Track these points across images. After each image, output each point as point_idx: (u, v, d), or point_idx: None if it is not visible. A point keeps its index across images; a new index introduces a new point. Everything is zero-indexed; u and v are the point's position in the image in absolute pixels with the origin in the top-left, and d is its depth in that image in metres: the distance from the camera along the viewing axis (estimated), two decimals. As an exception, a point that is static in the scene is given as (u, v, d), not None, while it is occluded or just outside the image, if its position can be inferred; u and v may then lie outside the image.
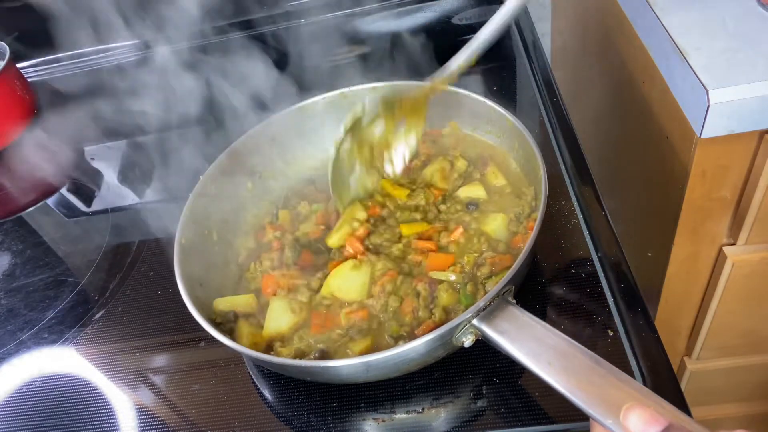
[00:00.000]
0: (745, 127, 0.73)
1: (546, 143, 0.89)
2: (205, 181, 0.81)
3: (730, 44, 0.74)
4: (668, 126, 0.87)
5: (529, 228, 0.72)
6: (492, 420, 0.61)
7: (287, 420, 0.66)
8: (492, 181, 0.81)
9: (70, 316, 0.84)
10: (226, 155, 0.84)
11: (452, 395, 0.64)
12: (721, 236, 0.91)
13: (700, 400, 1.22)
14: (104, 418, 0.71)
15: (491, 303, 0.58)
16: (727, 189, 0.84)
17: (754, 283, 0.93)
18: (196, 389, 0.71)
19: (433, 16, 1.27)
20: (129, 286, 0.86)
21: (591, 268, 0.72)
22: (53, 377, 0.77)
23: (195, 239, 0.77)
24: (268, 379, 0.70)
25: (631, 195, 1.16)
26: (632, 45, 0.93)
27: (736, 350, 1.09)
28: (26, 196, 1.11)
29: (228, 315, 0.72)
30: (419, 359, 0.60)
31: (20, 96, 1.22)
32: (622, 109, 1.10)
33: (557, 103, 0.95)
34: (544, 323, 0.57)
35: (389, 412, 0.64)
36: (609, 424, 0.48)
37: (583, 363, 0.53)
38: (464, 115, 0.86)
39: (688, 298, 1.02)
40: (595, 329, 0.66)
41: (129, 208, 1.02)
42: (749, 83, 0.69)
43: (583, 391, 0.51)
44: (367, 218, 0.77)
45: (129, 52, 1.38)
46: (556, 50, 1.57)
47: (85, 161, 1.15)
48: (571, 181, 0.82)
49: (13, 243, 1.00)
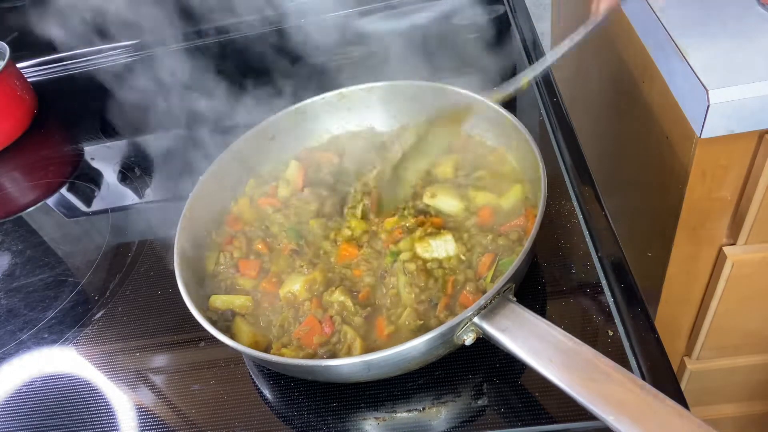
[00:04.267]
0: (745, 127, 0.73)
1: (546, 143, 0.89)
2: (204, 181, 0.81)
3: (730, 44, 0.74)
4: (668, 126, 0.87)
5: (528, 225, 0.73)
6: (493, 419, 0.61)
7: (287, 420, 0.66)
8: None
9: (70, 316, 0.84)
10: (226, 155, 0.84)
11: (453, 394, 0.64)
12: (721, 236, 0.91)
13: (700, 400, 1.22)
14: (104, 418, 0.70)
15: (492, 301, 0.58)
16: (727, 189, 0.84)
17: (754, 283, 0.93)
18: (196, 389, 0.71)
19: (433, 16, 1.27)
20: (129, 286, 0.86)
21: (591, 268, 0.72)
22: (53, 377, 0.77)
23: (194, 239, 0.77)
24: (269, 379, 0.70)
25: (631, 195, 1.16)
26: (632, 45, 0.93)
27: (736, 350, 1.09)
28: (26, 196, 1.11)
29: (225, 313, 0.72)
30: (420, 358, 0.60)
31: (20, 96, 1.22)
32: (621, 109, 1.10)
33: (557, 103, 0.95)
34: (544, 320, 0.57)
35: (390, 411, 0.64)
36: (610, 420, 0.49)
37: (584, 359, 0.53)
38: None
39: (688, 298, 1.02)
40: (595, 329, 0.66)
41: (129, 208, 1.02)
42: (749, 83, 0.69)
43: (584, 388, 0.51)
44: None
45: (129, 52, 1.38)
46: (556, 50, 1.57)
47: (85, 161, 1.15)
48: (571, 181, 0.82)
49: (13, 243, 1.00)
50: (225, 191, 0.86)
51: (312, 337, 0.67)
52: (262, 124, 0.88)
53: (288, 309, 0.71)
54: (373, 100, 0.92)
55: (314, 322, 0.68)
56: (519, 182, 0.78)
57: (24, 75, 1.28)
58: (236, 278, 0.76)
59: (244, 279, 0.76)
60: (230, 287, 0.76)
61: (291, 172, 0.88)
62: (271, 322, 0.71)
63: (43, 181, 1.12)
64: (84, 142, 1.20)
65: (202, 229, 0.80)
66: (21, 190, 1.13)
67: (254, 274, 0.76)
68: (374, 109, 0.93)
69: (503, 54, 1.13)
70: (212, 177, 0.82)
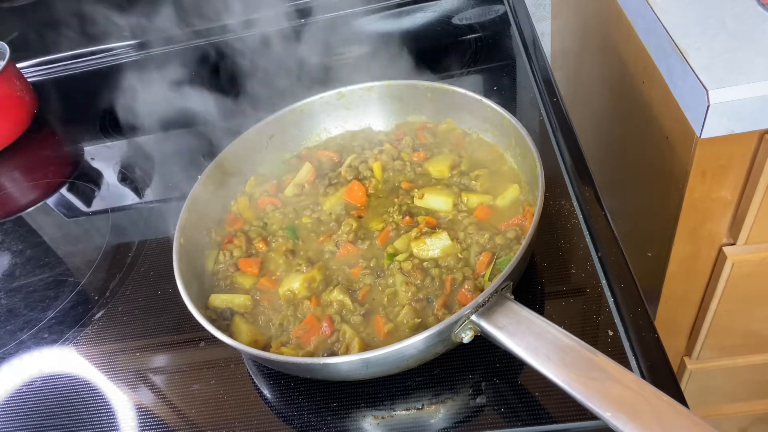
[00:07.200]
0: (745, 127, 0.73)
1: (546, 143, 0.89)
2: (203, 181, 0.81)
3: (730, 44, 0.74)
4: (668, 126, 0.87)
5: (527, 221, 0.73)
6: (491, 418, 0.61)
7: (287, 419, 0.66)
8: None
9: (70, 316, 0.84)
10: (225, 154, 0.84)
11: (451, 392, 0.64)
12: (721, 236, 0.91)
13: (700, 400, 1.22)
14: (104, 418, 0.70)
15: (490, 299, 0.58)
16: (727, 189, 0.84)
17: (754, 283, 0.93)
18: (196, 389, 0.71)
19: (433, 16, 1.27)
20: (129, 286, 0.86)
21: (591, 268, 0.72)
22: (53, 377, 0.77)
23: (194, 239, 0.77)
24: (268, 379, 0.70)
25: (631, 195, 1.16)
26: (632, 45, 0.93)
27: (736, 350, 1.09)
28: (26, 196, 1.11)
29: (224, 312, 0.72)
30: (418, 356, 0.60)
31: (20, 96, 1.22)
32: (622, 109, 1.10)
33: (557, 103, 0.95)
34: (542, 318, 0.57)
35: (389, 409, 0.64)
36: (608, 417, 0.48)
37: (582, 356, 0.53)
38: (462, 113, 0.87)
39: (688, 298, 1.02)
40: (595, 329, 0.66)
41: (129, 208, 1.02)
42: (749, 83, 0.69)
43: (581, 385, 0.51)
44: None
45: (129, 52, 1.38)
46: (556, 50, 1.57)
47: (85, 161, 1.15)
48: (571, 181, 0.82)
49: (13, 243, 1.00)
50: (224, 190, 0.86)
51: (311, 335, 0.68)
52: (261, 123, 0.88)
53: (287, 307, 0.71)
54: (372, 100, 0.92)
55: (314, 321, 0.68)
56: (517, 181, 0.79)
57: (24, 75, 1.28)
58: (235, 277, 0.76)
59: (243, 278, 0.76)
60: (230, 286, 0.76)
61: (303, 174, 0.88)
62: (270, 321, 0.71)
63: (43, 181, 1.12)
64: (84, 142, 1.20)
65: (201, 229, 0.80)
66: (21, 190, 1.13)
67: (255, 271, 0.76)
68: (373, 108, 0.93)
69: (503, 54, 1.13)
70: (212, 176, 0.83)
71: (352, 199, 0.82)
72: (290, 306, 0.71)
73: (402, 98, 0.91)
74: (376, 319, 0.68)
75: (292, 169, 0.90)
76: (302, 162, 0.90)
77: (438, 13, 1.27)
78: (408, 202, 0.80)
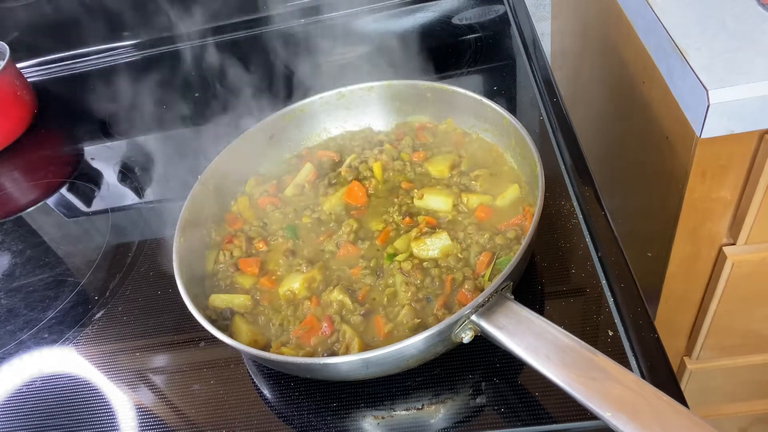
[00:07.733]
0: (745, 127, 0.73)
1: (546, 143, 0.89)
2: (203, 181, 0.81)
3: (730, 44, 0.74)
4: (668, 126, 0.87)
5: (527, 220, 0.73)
6: (491, 418, 0.61)
7: (287, 419, 0.66)
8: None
9: (70, 316, 0.84)
10: (225, 154, 0.84)
11: (451, 392, 0.64)
12: (721, 236, 0.91)
13: (700, 400, 1.22)
14: (104, 418, 0.70)
15: (490, 299, 0.58)
16: (727, 189, 0.84)
17: (754, 283, 0.93)
18: (196, 389, 0.71)
19: (433, 16, 1.27)
20: (129, 286, 0.86)
21: (591, 268, 0.72)
22: (53, 377, 0.77)
23: (194, 239, 0.77)
24: (268, 379, 0.70)
25: (631, 195, 1.16)
26: (632, 45, 0.93)
27: (736, 350, 1.09)
28: (26, 196, 1.11)
29: (224, 312, 0.72)
30: (418, 355, 0.60)
31: (20, 96, 1.22)
32: (622, 109, 1.10)
33: (557, 103, 0.95)
34: (542, 318, 0.57)
35: (389, 409, 0.64)
36: (607, 417, 0.48)
37: (582, 356, 0.53)
38: (462, 113, 0.87)
39: (688, 298, 1.02)
40: (595, 329, 0.66)
41: (129, 208, 1.02)
42: (749, 83, 0.69)
43: (581, 384, 0.51)
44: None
45: (129, 52, 1.38)
46: (556, 50, 1.57)
47: (85, 161, 1.15)
48: (571, 181, 0.82)
49: (13, 243, 1.00)
50: (224, 190, 0.86)
51: (311, 335, 0.68)
52: (261, 124, 0.88)
53: (287, 307, 0.71)
54: (372, 100, 0.92)
55: (314, 321, 0.68)
56: (517, 181, 0.79)
57: (24, 75, 1.28)
58: (235, 277, 0.76)
59: (243, 278, 0.76)
60: (230, 286, 0.76)
61: (304, 174, 0.88)
62: (270, 321, 0.71)
63: (43, 181, 1.12)
64: (84, 142, 1.20)
65: (201, 228, 0.80)
66: (21, 190, 1.13)
67: (255, 271, 0.76)
68: (373, 108, 0.93)
69: (503, 54, 1.13)
70: (211, 176, 0.83)
71: (352, 200, 0.82)
72: (290, 306, 0.71)
73: (402, 98, 0.91)
74: (376, 319, 0.68)
75: (292, 169, 0.90)
76: (302, 162, 0.90)
77: (438, 13, 1.27)
78: (408, 202, 0.80)
